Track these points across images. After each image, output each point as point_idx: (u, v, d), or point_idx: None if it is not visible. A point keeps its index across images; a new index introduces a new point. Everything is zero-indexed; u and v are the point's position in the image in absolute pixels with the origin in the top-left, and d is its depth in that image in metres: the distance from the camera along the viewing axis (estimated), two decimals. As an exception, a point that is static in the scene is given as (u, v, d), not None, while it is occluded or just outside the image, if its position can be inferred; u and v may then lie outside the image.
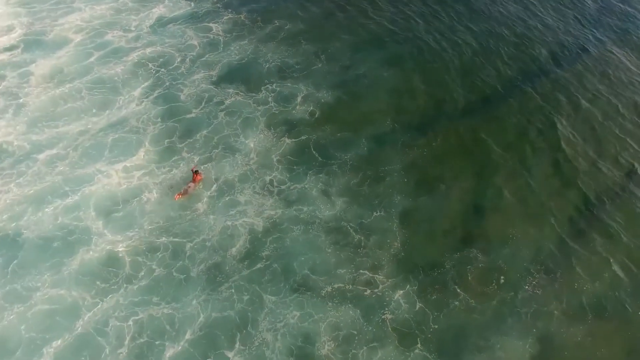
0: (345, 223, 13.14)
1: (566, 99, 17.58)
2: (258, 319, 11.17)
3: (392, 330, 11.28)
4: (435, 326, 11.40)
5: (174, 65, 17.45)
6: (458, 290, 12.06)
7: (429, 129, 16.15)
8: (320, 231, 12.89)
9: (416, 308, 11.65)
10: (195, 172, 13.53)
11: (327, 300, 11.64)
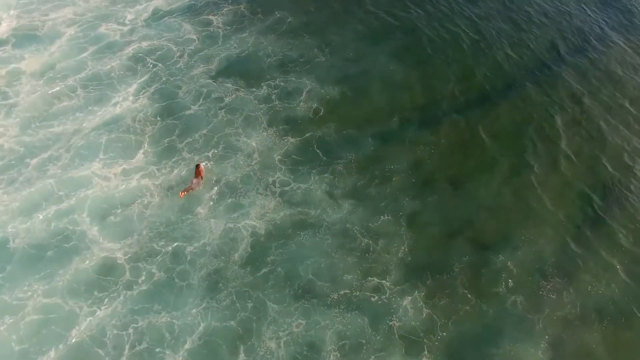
0: (350, 226, 12.70)
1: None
2: (262, 328, 10.79)
3: (400, 337, 10.93)
4: (443, 333, 11.06)
5: (172, 60, 16.79)
6: (469, 296, 11.70)
7: (436, 125, 15.63)
8: (326, 235, 12.45)
9: (423, 315, 11.30)
10: (197, 166, 13.12)
11: (333, 307, 11.24)
